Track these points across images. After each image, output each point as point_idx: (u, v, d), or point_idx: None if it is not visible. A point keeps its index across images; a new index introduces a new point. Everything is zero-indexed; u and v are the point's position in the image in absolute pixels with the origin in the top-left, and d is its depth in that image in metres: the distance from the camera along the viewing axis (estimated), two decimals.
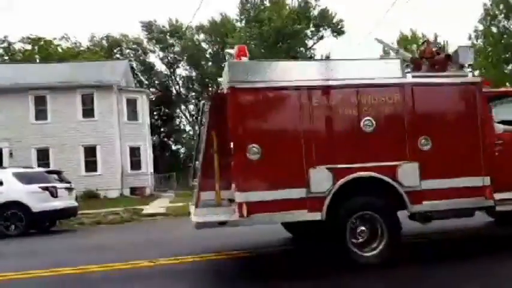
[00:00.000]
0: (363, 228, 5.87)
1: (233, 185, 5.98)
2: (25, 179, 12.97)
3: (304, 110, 5.79)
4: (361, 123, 5.92)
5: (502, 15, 43.60)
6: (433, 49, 6.83)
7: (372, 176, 5.82)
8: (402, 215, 6.16)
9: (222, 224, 5.79)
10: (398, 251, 5.91)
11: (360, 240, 5.87)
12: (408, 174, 5.90)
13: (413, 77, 6.23)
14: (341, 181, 5.69)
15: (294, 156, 5.70)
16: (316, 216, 5.64)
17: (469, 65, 6.52)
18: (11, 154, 25.97)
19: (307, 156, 5.72)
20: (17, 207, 12.34)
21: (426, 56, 6.80)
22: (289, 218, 5.85)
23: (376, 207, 5.89)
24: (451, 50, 6.92)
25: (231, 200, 6.12)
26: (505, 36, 43.82)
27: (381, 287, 5.29)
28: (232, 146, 5.72)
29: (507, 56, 41.24)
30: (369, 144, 5.90)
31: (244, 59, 5.91)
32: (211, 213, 6.04)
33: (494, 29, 44.04)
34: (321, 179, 5.66)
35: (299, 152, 5.71)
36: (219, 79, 6.81)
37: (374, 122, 5.92)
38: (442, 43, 7.16)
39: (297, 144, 5.72)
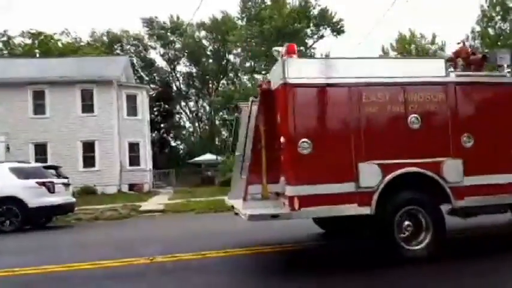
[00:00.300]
0: (409, 222, 6.02)
1: (282, 179, 6.08)
2: (22, 173, 12.82)
3: (354, 106, 5.96)
4: (408, 120, 6.10)
5: (499, 17, 43.75)
6: (469, 49, 7.06)
7: (418, 172, 5.99)
8: None
9: (275, 217, 5.81)
10: (444, 244, 6.05)
11: (406, 234, 6.01)
12: (452, 170, 6.10)
13: (456, 76, 6.46)
14: (389, 176, 5.85)
15: (344, 151, 5.86)
16: (366, 210, 5.78)
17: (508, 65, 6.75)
18: (8, 148, 25.81)
19: (357, 152, 5.88)
20: (12, 202, 12.20)
21: (462, 56, 6.94)
22: (339, 212, 5.88)
23: (422, 202, 6.05)
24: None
25: (278, 194, 6.27)
26: (501, 37, 43.93)
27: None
28: (282, 140, 5.85)
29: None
30: (415, 140, 6.08)
31: (295, 56, 6.04)
32: (261, 206, 6.17)
33: (491, 31, 44.24)
34: (370, 174, 5.81)
35: (349, 147, 5.87)
36: (268, 76, 6.80)
37: (420, 119, 6.11)
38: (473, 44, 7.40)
39: (347, 139, 5.89)
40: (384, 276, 5.55)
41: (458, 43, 7.75)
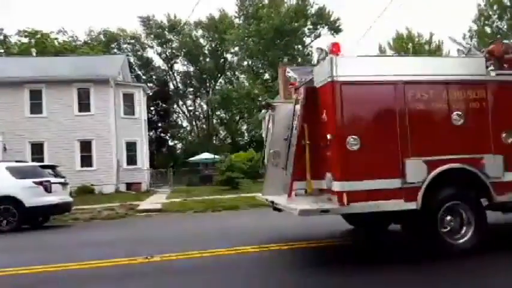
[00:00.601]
0: (451, 217, 6.19)
1: (328, 175, 6.16)
2: (18, 173, 12.77)
3: (400, 104, 6.11)
4: (451, 117, 6.27)
5: (496, 16, 43.84)
6: (502, 48, 7.08)
7: (461, 168, 6.16)
8: None
9: (325, 212, 5.89)
10: (485, 238, 6.21)
11: (448, 228, 6.18)
12: (493, 166, 6.26)
13: (497, 74, 6.57)
14: (434, 172, 6.00)
15: (391, 147, 6.00)
16: (412, 205, 5.90)
17: None
18: (4, 148, 25.73)
19: (403, 148, 6.02)
20: (9, 202, 12.15)
21: (495, 54, 7.01)
22: (386, 207, 5.97)
23: (465, 197, 6.25)
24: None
25: (321, 190, 6.41)
26: (498, 36, 44.06)
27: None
28: (329, 137, 5.98)
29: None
30: (458, 137, 6.24)
31: (341, 54, 6.14)
32: (307, 202, 6.25)
33: (488, 29, 44.34)
34: (415, 170, 5.96)
35: (395, 143, 6.02)
36: (313, 74, 6.84)
37: (462, 116, 6.28)
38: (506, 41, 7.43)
39: (393, 136, 6.03)
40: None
41: (493, 41, 7.80)
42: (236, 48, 58.22)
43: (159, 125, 57.35)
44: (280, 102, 7.46)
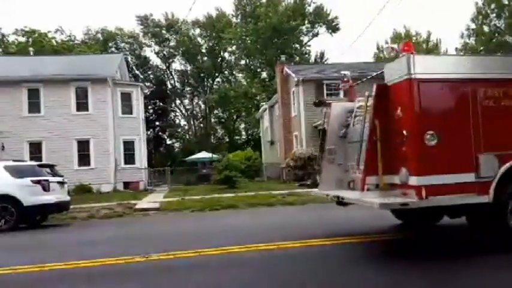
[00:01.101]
0: None
1: (403, 170, 6.29)
2: (16, 172, 12.78)
3: (473, 100, 6.34)
4: None
5: (494, 15, 43.92)
6: None
7: None
8: None
9: (404, 205, 6.09)
10: None
11: None
12: None
13: None
14: (505, 166, 6.26)
15: (465, 143, 6.24)
16: (484, 199, 6.15)
17: None
18: (2, 147, 25.74)
19: (476, 143, 6.27)
20: (7, 201, 12.15)
21: None
22: (461, 201, 6.20)
23: None
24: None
25: (391, 185, 6.57)
26: (496, 35, 44.09)
27: None
28: (405, 133, 6.20)
29: (499, 54, 41.88)
30: None
31: (415, 53, 6.35)
32: (381, 196, 6.46)
33: (486, 28, 44.38)
34: (488, 165, 6.21)
35: (469, 139, 6.26)
36: (384, 72, 6.99)
37: None
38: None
39: (467, 131, 6.27)
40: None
41: None
42: (234, 47, 58.25)
43: (157, 124, 57.36)
44: (334, 99, 7.66)
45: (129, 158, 29.28)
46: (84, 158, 27.50)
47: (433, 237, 8.07)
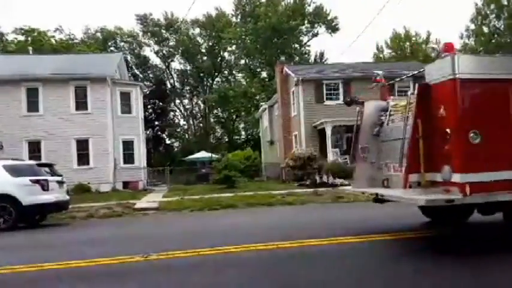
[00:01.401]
0: None
1: (446, 168, 6.39)
2: (15, 171, 12.74)
3: None
4: None
5: (493, 15, 43.94)
6: None
7: None
8: None
9: (450, 202, 6.18)
10: None
11: None
12: None
13: None
14: None
15: (507, 141, 6.35)
16: None
17: None
18: (1, 146, 25.70)
19: None
20: (6, 200, 12.11)
21: None
22: (503, 198, 6.31)
23: None
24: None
25: (433, 182, 6.67)
26: (495, 35, 44.12)
27: None
28: (449, 131, 6.29)
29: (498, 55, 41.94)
30: None
31: (457, 53, 6.45)
32: (425, 193, 6.50)
33: (485, 29, 44.40)
34: None
35: (510, 137, 6.38)
36: (425, 71, 7.11)
37: None
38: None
39: (510, 130, 6.40)
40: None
41: None
42: (233, 47, 58.24)
43: (156, 123, 57.31)
44: (367, 98, 7.74)
45: (128, 157, 29.23)
46: (83, 158, 27.46)
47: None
